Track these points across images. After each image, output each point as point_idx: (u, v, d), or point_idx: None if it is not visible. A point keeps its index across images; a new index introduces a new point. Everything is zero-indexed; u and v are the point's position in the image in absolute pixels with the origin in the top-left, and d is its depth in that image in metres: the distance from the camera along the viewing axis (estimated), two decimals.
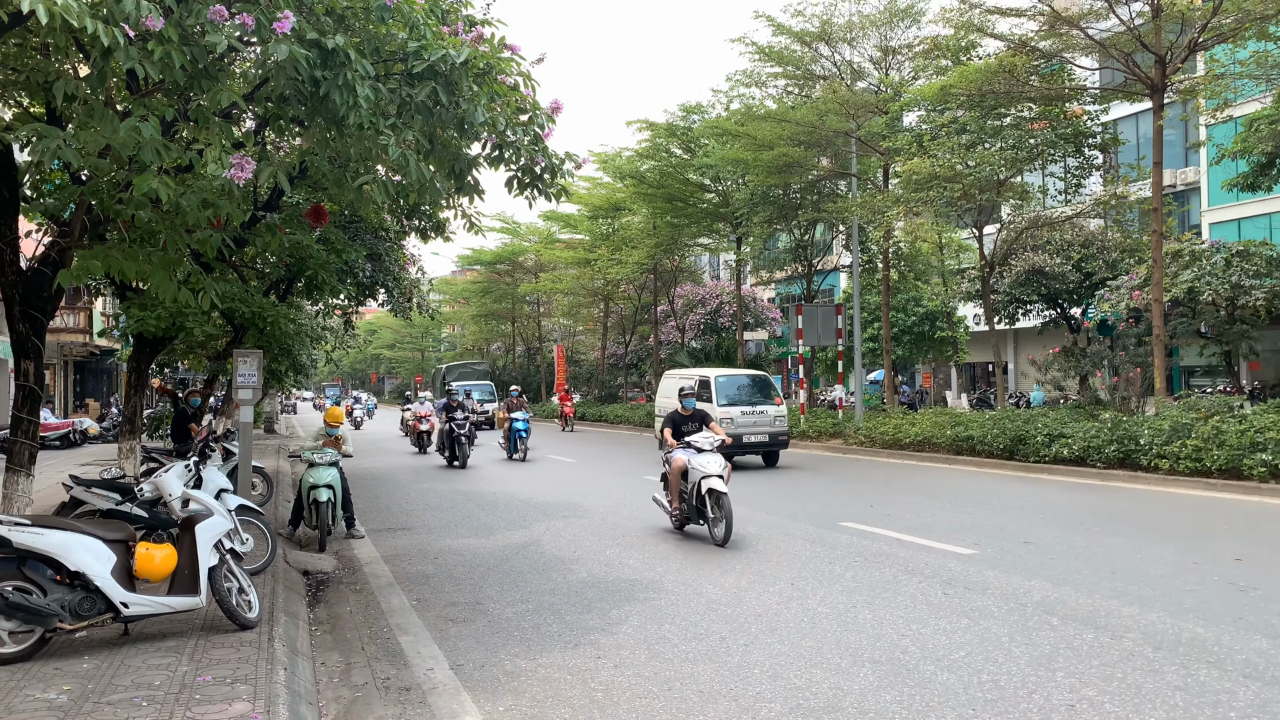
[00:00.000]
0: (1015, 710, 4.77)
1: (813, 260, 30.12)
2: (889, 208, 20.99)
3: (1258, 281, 21.80)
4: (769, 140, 23.18)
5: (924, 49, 21.82)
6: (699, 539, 10.15)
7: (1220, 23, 15.92)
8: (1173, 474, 13.76)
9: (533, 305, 54.20)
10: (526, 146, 7.28)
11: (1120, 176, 23.65)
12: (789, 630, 6.41)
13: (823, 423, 23.50)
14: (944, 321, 33.14)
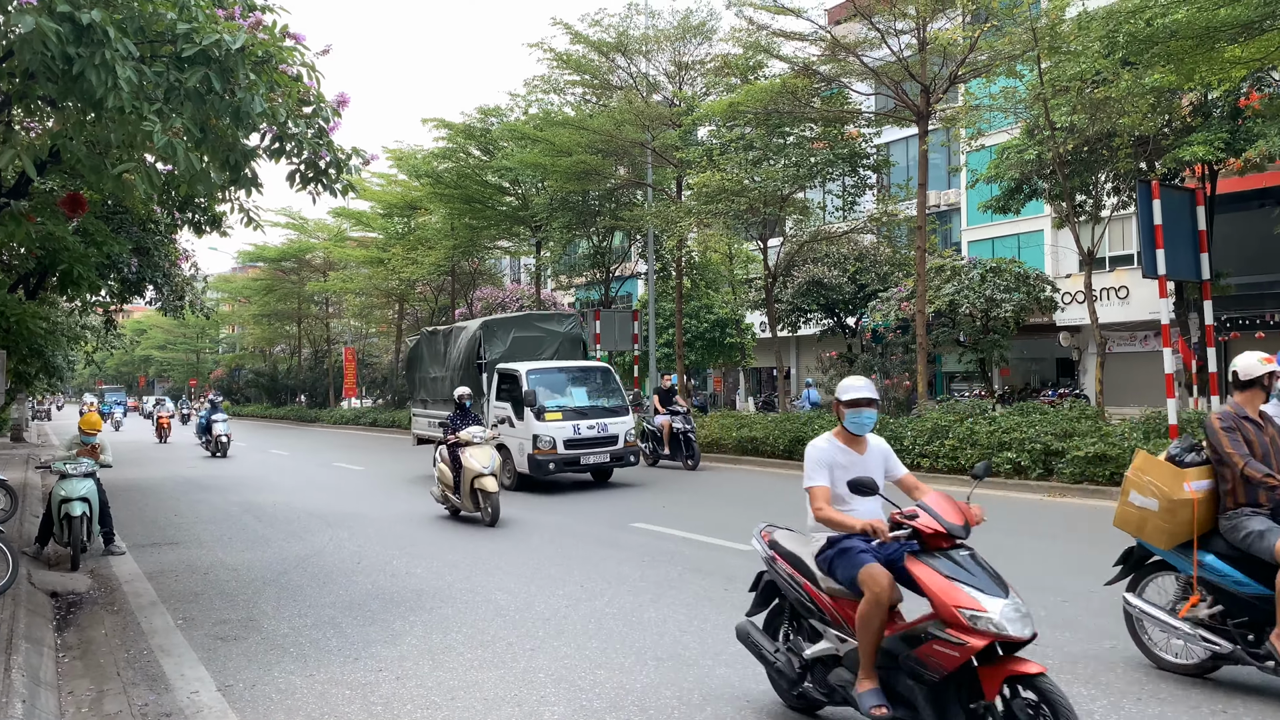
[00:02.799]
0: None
1: (610, 267, 30.57)
2: (682, 218, 21.63)
3: (1007, 295, 24.08)
4: (567, 146, 23.35)
5: (715, 66, 22.69)
6: (489, 545, 10.06)
7: (976, 59, 17.46)
8: (933, 471, 14.94)
9: (321, 305, 51.94)
10: (310, 140, 6.99)
11: (891, 196, 25.48)
12: (576, 633, 6.47)
13: None
14: (733, 328, 34.52)
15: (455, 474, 12.05)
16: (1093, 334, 19.34)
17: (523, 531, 10.93)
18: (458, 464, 11.97)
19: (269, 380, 59.84)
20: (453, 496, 12.12)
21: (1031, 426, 14.10)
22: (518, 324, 17.35)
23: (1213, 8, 12.19)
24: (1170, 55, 13.27)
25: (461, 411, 13.41)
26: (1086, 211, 21.79)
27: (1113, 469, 12.51)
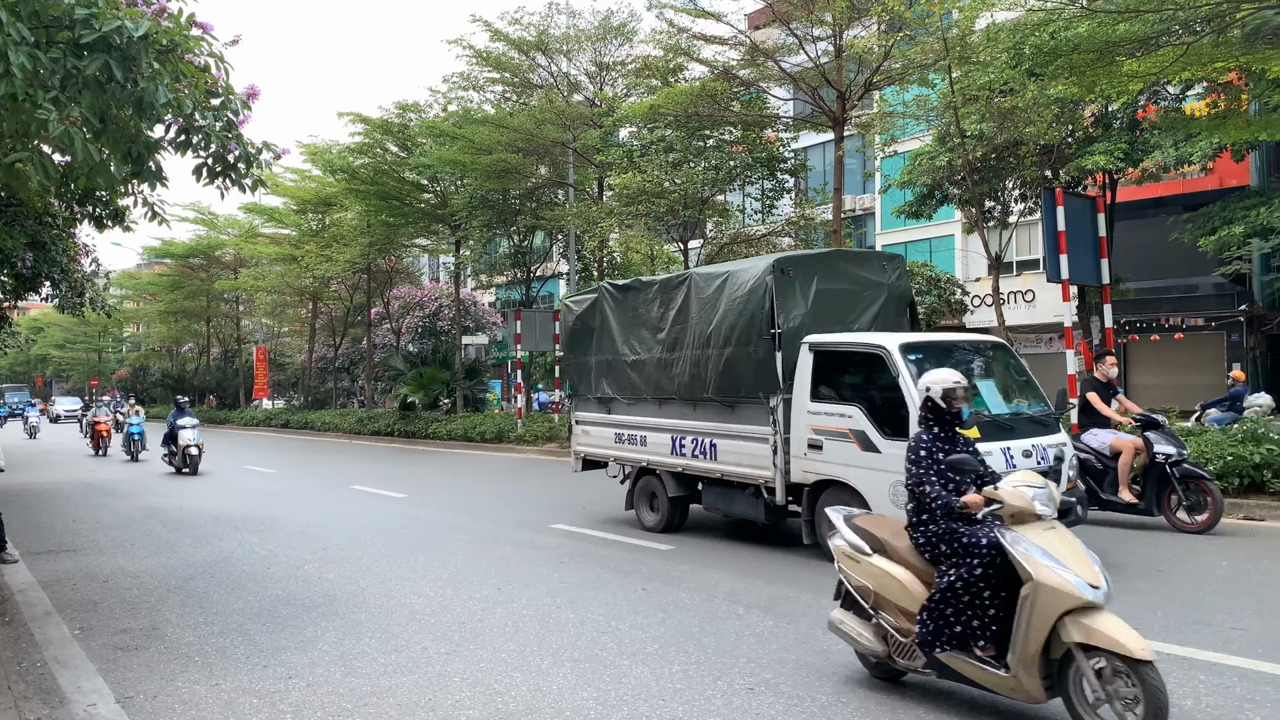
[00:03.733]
0: (701, 697, 5.07)
1: (532, 266, 30.39)
2: (603, 219, 21.65)
3: (919, 298, 24.68)
4: (487, 144, 23.14)
5: (636, 68, 22.76)
6: (405, 549, 9.91)
7: (890, 67, 17.88)
8: None
9: (231, 303, 50.44)
10: (218, 133, 6.78)
11: (808, 200, 25.91)
12: (492, 636, 6.41)
13: (539, 427, 23.76)
14: None
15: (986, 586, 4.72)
16: (1000, 336, 19.97)
17: (439, 535, 10.79)
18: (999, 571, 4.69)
19: (176, 380, 57.88)
20: None
21: None
22: (822, 268, 9.88)
23: (1112, 23, 12.69)
24: (1073, 68, 13.76)
25: None
26: (995, 217, 22.48)
27: None
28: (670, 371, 10.34)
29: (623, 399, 11.16)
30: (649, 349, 10.75)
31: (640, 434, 10.81)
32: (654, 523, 10.51)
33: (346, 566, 8.99)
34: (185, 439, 19.20)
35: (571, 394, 12.38)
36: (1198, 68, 13.87)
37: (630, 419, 11.05)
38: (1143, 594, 7.00)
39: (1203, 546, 8.85)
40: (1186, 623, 6.21)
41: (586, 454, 12.02)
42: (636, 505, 10.88)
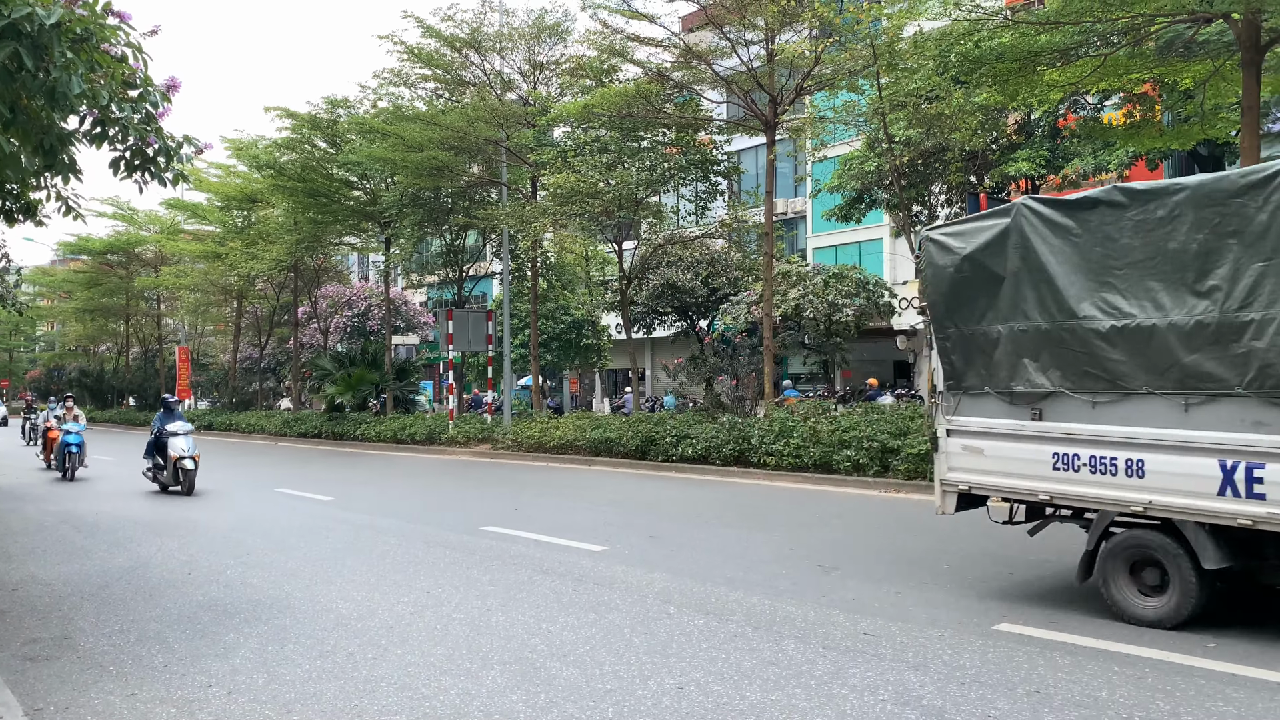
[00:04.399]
0: (631, 697, 5.07)
1: (464, 266, 30.11)
2: (537, 218, 21.54)
3: (849, 301, 25.10)
4: (418, 142, 22.84)
5: (570, 67, 22.69)
6: (332, 553, 9.73)
7: (821, 72, 18.13)
8: (778, 469, 15.41)
9: (152, 302, 48.93)
10: (136, 125, 6.58)
11: (741, 202, 26.15)
12: (421, 639, 6.32)
13: (472, 428, 23.56)
14: (589, 330, 34.61)
15: None
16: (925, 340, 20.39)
17: (367, 538, 10.61)
18: None
19: (94, 381, 55.97)
20: None
21: (870, 425, 14.73)
22: None
23: (1033, 34, 13.05)
24: (996, 76, 14.12)
25: None
26: (922, 221, 22.94)
27: None
28: (1232, 346, 5.79)
29: (1079, 393, 6.62)
30: (1168, 306, 6.12)
31: (1126, 457, 6.35)
32: (1160, 612, 6.14)
33: (271, 571, 8.79)
34: (177, 449, 15.06)
35: (946, 387, 7.55)
36: (1114, 78, 14.36)
37: (1099, 429, 6.49)
38: (1063, 590, 7.20)
39: None
40: (1103, 616, 6.41)
41: (975, 486, 7.30)
42: (1108, 579, 6.44)
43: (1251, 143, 12.45)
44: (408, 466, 20.56)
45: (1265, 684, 4.97)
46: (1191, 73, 14.08)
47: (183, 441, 15.22)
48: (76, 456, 18.24)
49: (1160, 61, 13.89)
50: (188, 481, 15.08)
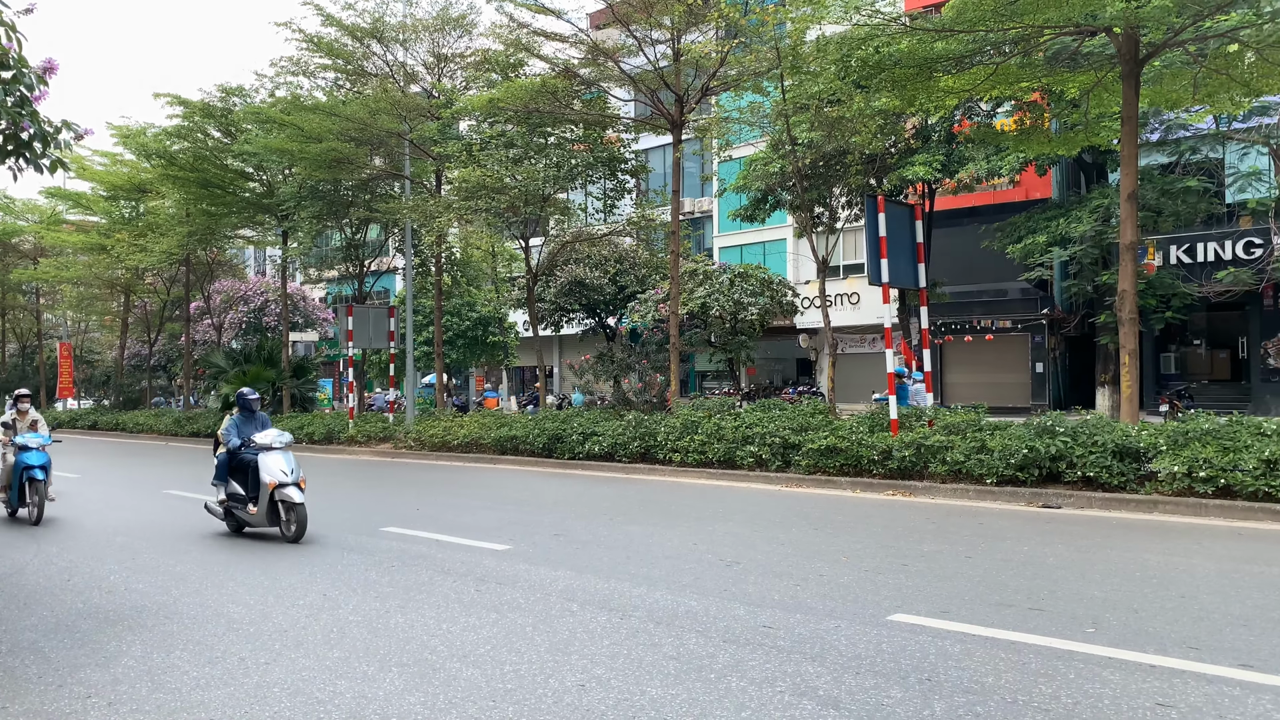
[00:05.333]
0: (532, 696, 5.02)
1: (365, 260, 29.47)
2: (441, 213, 21.20)
3: (753, 299, 25.45)
4: (318, 133, 22.23)
5: (476, 60, 22.42)
6: (223, 556, 9.38)
7: (726, 73, 18.33)
8: (684, 466, 15.52)
9: (30, 295, 46.46)
10: (10, 109, 6.28)
11: (648, 201, 26.24)
12: (316, 643, 6.14)
13: (373, 427, 23.07)
14: (496, 327, 34.29)
15: None
16: (827, 336, 20.84)
17: (261, 541, 10.27)
18: None
19: None
20: None
21: (772, 422, 14.96)
22: None
23: (930, 41, 13.46)
24: (895, 81, 14.52)
25: None
26: (823, 223, 23.40)
27: (842, 460, 13.52)
28: None
29: None
30: None
31: None
32: None
33: (158, 576, 8.43)
34: (274, 473, 10.07)
35: None
36: (1006, 86, 14.91)
37: None
38: (954, 579, 7.44)
39: (1007, 533, 9.50)
40: (991, 604, 6.63)
41: None
42: None
43: (1130, 151, 13.08)
44: (305, 466, 19.90)
45: (1139, 665, 5.21)
46: (1077, 83, 14.73)
47: (282, 462, 10.23)
48: (40, 486, 11.83)
49: (1048, 71, 14.50)
50: (299, 526, 9.94)
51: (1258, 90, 13.62)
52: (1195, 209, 23.29)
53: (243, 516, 10.55)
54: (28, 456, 11.82)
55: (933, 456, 12.72)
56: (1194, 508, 10.31)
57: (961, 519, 10.51)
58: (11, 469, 12.07)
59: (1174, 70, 13.96)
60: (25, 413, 12.64)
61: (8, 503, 12.26)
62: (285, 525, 10.04)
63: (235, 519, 10.75)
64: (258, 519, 10.27)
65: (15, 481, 11.96)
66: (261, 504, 10.12)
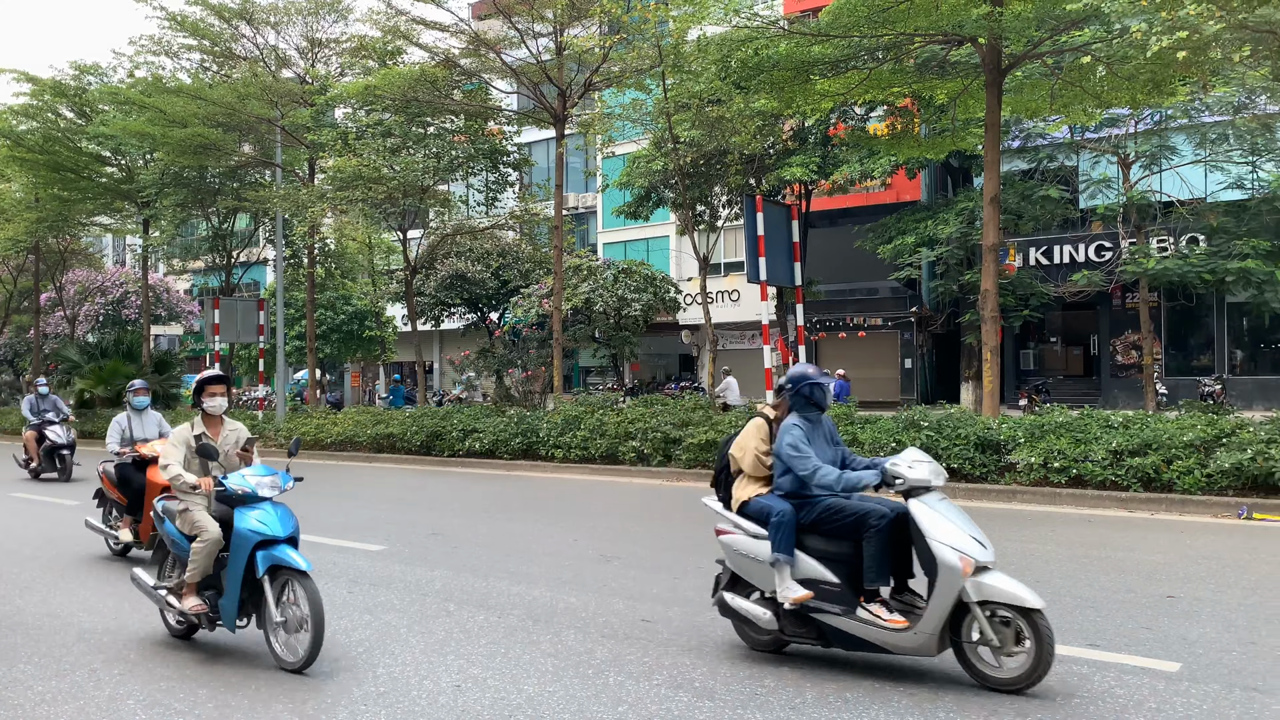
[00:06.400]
0: (406, 699, 4.90)
1: (233, 251, 28.27)
2: (314, 203, 20.52)
3: (637, 296, 25.59)
4: (182, 117, 21.18)
5: (352, 47, 21.77)
6: (76, 564, 8.84)
7: (609, 69, 18.34)
8: (565, 462, 15.48)
9: None
10: None
11: (531, 195, 26.04)
12: (175, 654, 5.85)
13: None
14: (373, 321, 33.43)
15: None
16: (708, 333, 21.13)
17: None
18: None
19: None
20: None
21: (654, 417, 15.07)
22: None
23: (807, 45, 13.78)
24: (774, 83, 14.81)
25: None
26: (704, 221, 23.70)
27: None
28: None
29: None
30: None
31: None
32: None
33: (0, 584, 7.88)
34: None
35: None
36: (878, 91, 15.40)
37: None
38: None
39: None
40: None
41: None
42: None
43: (993, 157, 13.70)
44: None
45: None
46: (945, 90, 15.33)
47: None
48: None
49: (918, 78, 15.05)
50: None
51: (1108, 102, 14.47)
52: (1052, 213, 24.60)
53: None
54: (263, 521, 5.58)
55: None
56: (1049, 496, 10.89)
57: None
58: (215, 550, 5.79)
59: (1033, 81, 14.69)
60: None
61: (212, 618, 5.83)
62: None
63: None
64: None
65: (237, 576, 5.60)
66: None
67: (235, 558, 5.46)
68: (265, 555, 5.38)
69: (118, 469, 9.01)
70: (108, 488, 9.25)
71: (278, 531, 5.45)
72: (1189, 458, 10.33)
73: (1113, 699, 4.64)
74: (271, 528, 5.44)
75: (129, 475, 8.85)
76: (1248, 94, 19.64)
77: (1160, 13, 10.20)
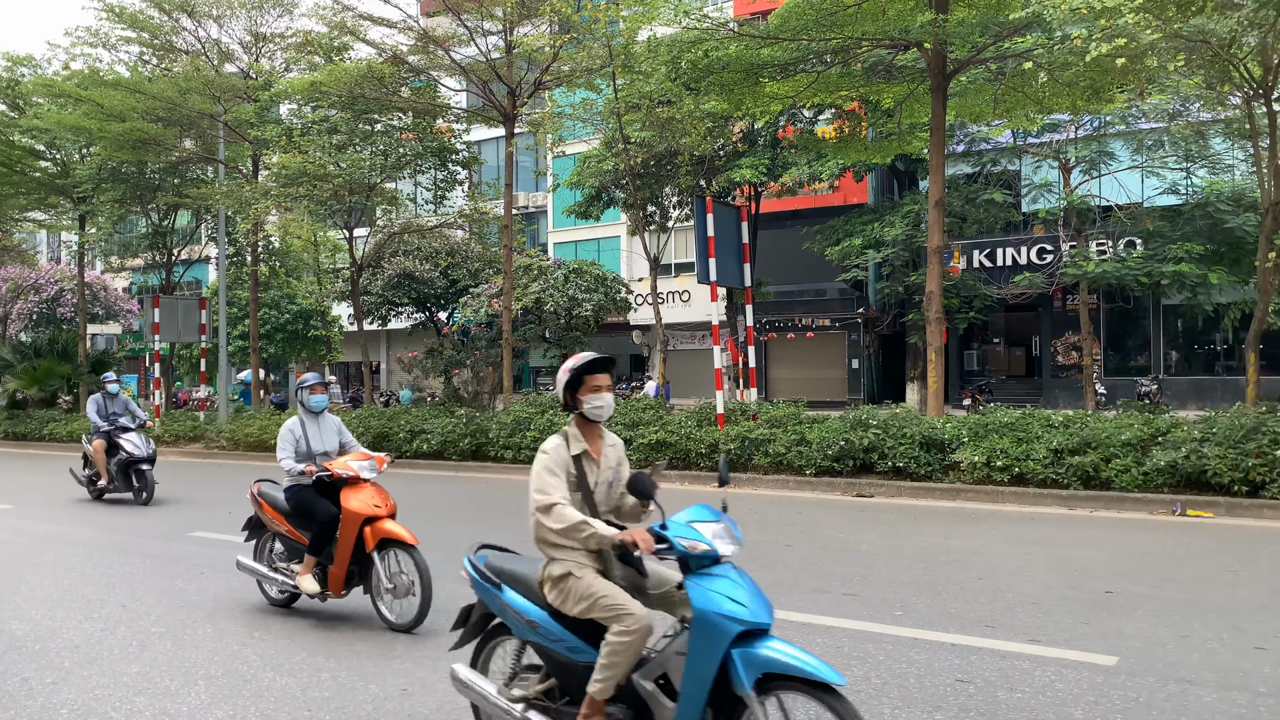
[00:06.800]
0: (352, 703, 4.83)
1: (174, 249, 27.64)
2: (258, 200, 20.13)
3: (588, 295, 25.51)
4: (120, 111, 20.64)
5: (297, 42, 21.41)
6: (7, 566, 8.57)
7: (559, 68, 18.27)
8: (515, 463, 15.39)
9: None
10: None
11: (480, 193, 25.84)
12: (114, 658, 5.70)
13: (181, 426, 21.66)
14: (318, 320, 32.92)
15: None
16: (659, 333, 21.17)
17: (53, 550, 9.45)
18: None
19: None
20: None
21: None
22: None
23: (757, 47, 13.87)
24: (723, 85, 14.89)
25: None
26: (655, 221, 23.73)
27: (671, 454, 13.74)
28: None
29: None
30: None
31: None
32: None
33: None
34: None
35: None
36: (827, 94, 15.56)
37: None
38: (774, 567, 7.69)
39: (824, 522, 9.92)
40: (808, 591, 6.90)
41: None
42: None
43: (938, 161, 13.92)
44: None
45: (941, 644, 5.54)
46: (891, 94, 15.54)
47: None
48: None
49: (866, 82, 15.23)
50: None
51: (1049, 108, 14.79)
52: (996, 217, 25.06)
53: None
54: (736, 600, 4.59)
55: (756, 449, 13.13)
56: (992, 495, 11.09)
57: (783, 509, 10.90)
58: None
59: (977, 86, 14.95)
60: None
61: None
62: None
63: None
64: None
65: None
66: None
67: (698, 658, 3.39)
68: (747, 656, 3.35)
69: (295, 494, 6.70)
70: (273, 519, 6.89)
71: (761, 617, 3.44)
72: (1126, 456, 10.59)
73: (1053, 692, 4.73)
74: (754, 611, 3.43)
75: (310, 503, 6.58)
76: (1182, 102, 20.20)
77: (1099, 21, 10.44)
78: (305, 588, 6.44)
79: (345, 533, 6.28)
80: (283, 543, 6.90)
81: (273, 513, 6.89)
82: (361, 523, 6.24)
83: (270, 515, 6.91)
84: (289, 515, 6.76)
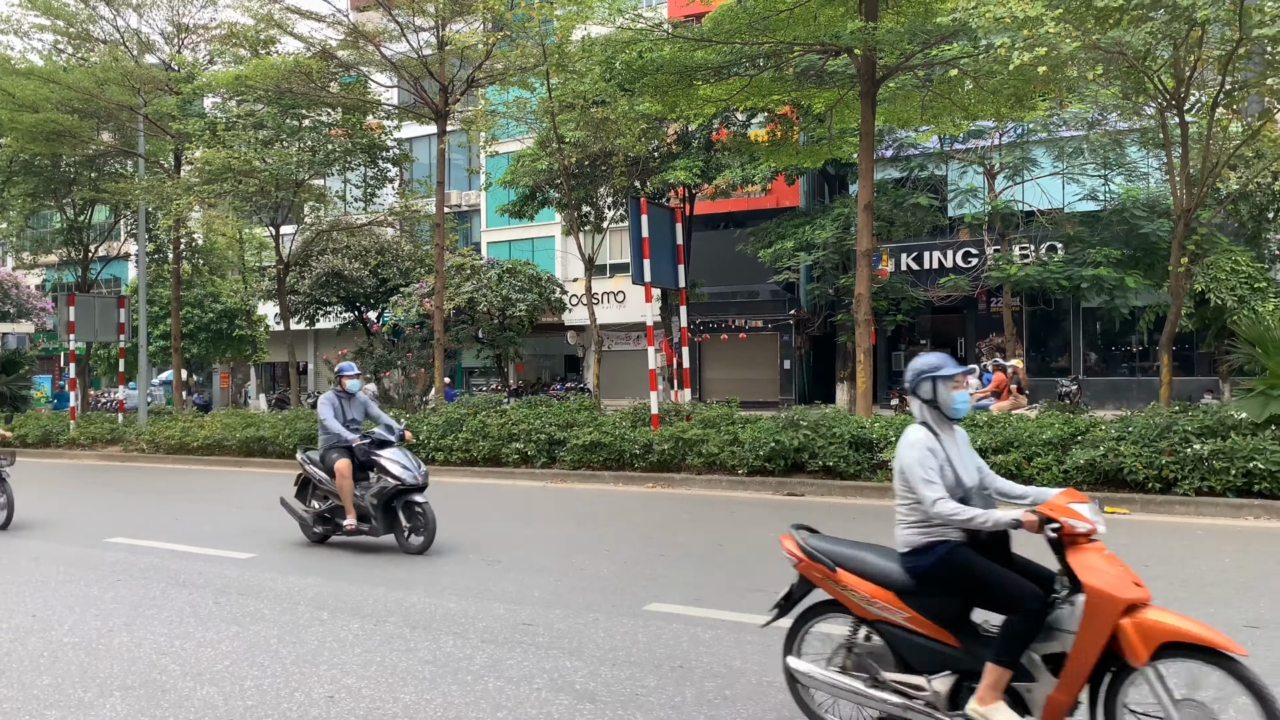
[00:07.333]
0: (275, 712, 4.71)
1: (91, 245, 26.71)
2: (180, 195, 19.57)
3: (522, 296, 25.38)
4: (32, 101, 19.86)
5: (221, 34, 20.87)
6: None
7: (493, 66, 18.11)
8: (447, 464, 15.19)
9: None
10: None
11: (412, 191, 25.50)
12: (23, 669, 5.47)
13: (98, 428, 20.93)
14: (244, 320, 32.14)
15: None
16: (593, 333, 21.13)
17: None
18: None
19: None
20: None
21: (538, 418, 14.95)
22: None
23: (691, 49, 13.93)
24: (658, 87, 14.92)
25: None
26: (590, 222, 23.69)
27: (605, 455, 13.72)
28: None
29: None
30: None
31: None
32: None
33: None
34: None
35: None
36: (759, 98, 15.69)
37: None
38: (707, 568, 7.73)
39: (756, 522, 10.00)
40: (740, 590, 6.94)
41: None
42: None
43: (867, 165, 14.15)
44: (17, 473, 17.84)
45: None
46: (822, 99, 15.75)
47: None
48: None
49: (797, 86, 15.41)
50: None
51: (974, 115, 15.14)
52: (923, 221, 25.59)
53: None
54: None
55: (690, 449, 13.18)
56: None
57: (716, 509, 10.96)
58: None
59: (905, 92, 15.23)
60: None
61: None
62: None
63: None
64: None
65: None
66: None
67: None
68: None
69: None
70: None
71: None
72: (1047, 455, 10.89)
73: None
74: None
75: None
76: (1100, 111, 20.88)
77: (1022, 30, 10.72)
78: None
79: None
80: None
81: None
82: None
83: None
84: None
